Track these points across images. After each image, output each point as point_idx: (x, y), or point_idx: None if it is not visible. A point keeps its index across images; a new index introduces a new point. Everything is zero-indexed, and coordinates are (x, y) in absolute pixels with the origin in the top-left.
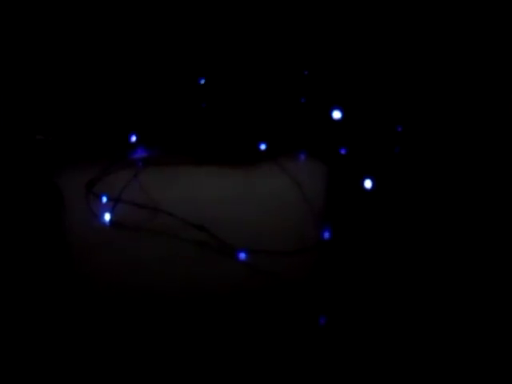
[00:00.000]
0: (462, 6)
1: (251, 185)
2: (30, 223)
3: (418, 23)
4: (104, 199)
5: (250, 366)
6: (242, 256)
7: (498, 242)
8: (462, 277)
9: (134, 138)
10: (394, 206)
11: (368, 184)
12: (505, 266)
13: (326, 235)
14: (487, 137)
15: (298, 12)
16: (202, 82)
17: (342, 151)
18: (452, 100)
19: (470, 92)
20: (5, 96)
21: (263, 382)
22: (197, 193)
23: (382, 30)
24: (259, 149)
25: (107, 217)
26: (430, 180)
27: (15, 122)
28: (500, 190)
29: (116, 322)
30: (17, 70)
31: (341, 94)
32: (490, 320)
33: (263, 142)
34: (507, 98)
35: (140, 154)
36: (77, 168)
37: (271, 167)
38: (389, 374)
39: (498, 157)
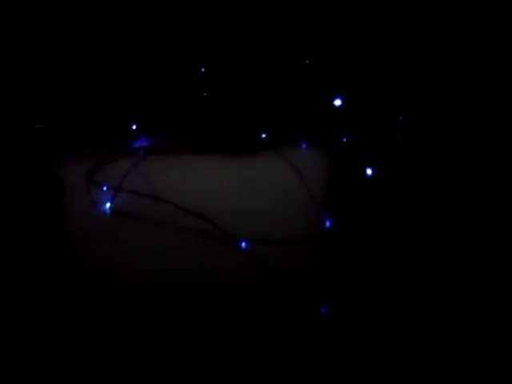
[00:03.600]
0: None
1: (252, 174)
2: (31, 212)
3: (419, 14)
4: (104, 188)
5: (251, 353)
6: (243, 245)
7: (495, 230)
8: (461, 270)
9: (134, 128)
10: (395, 195)
11: (369, 172)
12: (503, 249)
13: (328, 224)
14: (488, 130)
15: (298, 1)
16: (203, 70)
17: (344, 140)
18: (453, 90)
19: (472, 83)
20: (5, 86)
21: (264, 369)
22: (197, 182)
23: (384, 20)
24: (260, 138)
25: (108, 206)
26: (432, 169)
27: (16, 112)
28: (498, 181)
29: (117, 309)
30: (18, 60)
31: (342, 84)
32: (487, 302)
33: (264, 131)
34: (506, 90)
35: (141, 143)
36: (77, 157)
37: (272, 156)
38: (388, 364)
39: (498, 148)
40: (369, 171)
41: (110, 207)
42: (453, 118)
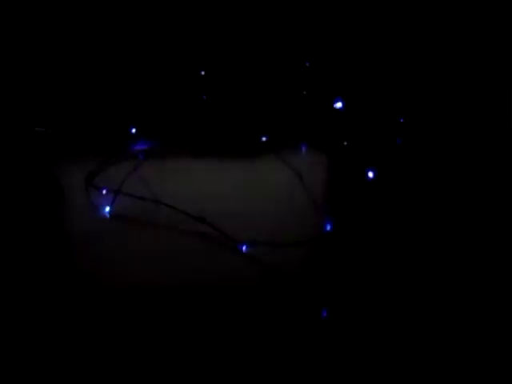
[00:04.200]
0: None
1: (252, 177)
2: (30, 216)
3: (419, 17)
4: (104, 192)
5: (253, 356)
6: (244, 248)
7: (499, 235)
8: (463, 273)
9: (134, 131)
10: (397, 198)
11: (371, 175)
12: (506, 255)
13: (329, 227)
14: (490, 132)
15: (299, 4)
16: (203, 73)
17: (345, 143)
18: (455, 93)
19: (473, 86)
20: (5, 88)
21: (265, 373)
22: (198, 185)
23: (385, 23)
24: (261, 141)
25: (107, 209)
26: (434, 172)
27: (15, 114)
28: (501, 182)
29: (117, 313)
30: (18, 62)
31: (343, 86)
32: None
33: (265, 134)
34: (508, 92)
35: (140, 146)
36: (77, 160)
37: (273, 159)
38: (390, 367)
39: (501, 150)
40: (370, 174)
41: (110, 211)
42: (454, 120)
